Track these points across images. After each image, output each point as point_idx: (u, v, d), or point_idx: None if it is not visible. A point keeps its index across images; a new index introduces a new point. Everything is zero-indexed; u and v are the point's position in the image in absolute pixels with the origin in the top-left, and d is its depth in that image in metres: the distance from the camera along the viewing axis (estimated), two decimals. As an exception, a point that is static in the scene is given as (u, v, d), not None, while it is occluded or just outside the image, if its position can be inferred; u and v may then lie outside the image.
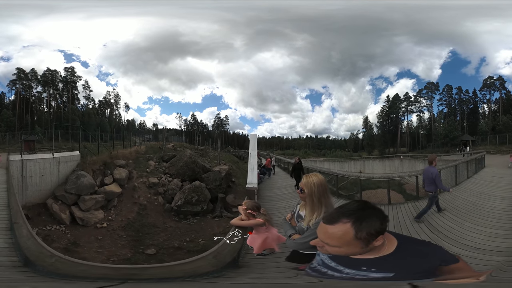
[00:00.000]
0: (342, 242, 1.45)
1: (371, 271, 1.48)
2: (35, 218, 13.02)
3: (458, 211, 7.58)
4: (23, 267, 3.60)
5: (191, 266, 3.59)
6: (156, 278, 3.05)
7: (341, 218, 1.45)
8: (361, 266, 1.50)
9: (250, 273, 3.61)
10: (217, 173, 18.06)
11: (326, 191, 2.89)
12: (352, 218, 1.43)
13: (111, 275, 3.25)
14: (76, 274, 3.12)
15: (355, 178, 12.61)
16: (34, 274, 3.32)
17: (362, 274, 1.49)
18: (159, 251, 11.57)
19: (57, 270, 3.24)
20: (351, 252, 1.49)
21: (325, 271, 1.60)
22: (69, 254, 10.36)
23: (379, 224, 1.45)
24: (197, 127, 53.29)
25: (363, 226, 1.42)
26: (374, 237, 1.44)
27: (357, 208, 1.48)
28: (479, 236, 5.76)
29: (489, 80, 43.46)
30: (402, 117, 48.82)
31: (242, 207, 4.29)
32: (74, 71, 44.33)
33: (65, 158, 15.80)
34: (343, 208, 1.51)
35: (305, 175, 3.04)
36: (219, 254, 3.80)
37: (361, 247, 1.46)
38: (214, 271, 3.44)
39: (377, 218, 1.46)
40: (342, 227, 1.43)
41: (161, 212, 15.52)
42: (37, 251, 3.78)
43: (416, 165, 23.73)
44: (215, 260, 3.64)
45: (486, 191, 9.63)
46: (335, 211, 1.52)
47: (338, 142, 54.68)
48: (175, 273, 3.43)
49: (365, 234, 1.42)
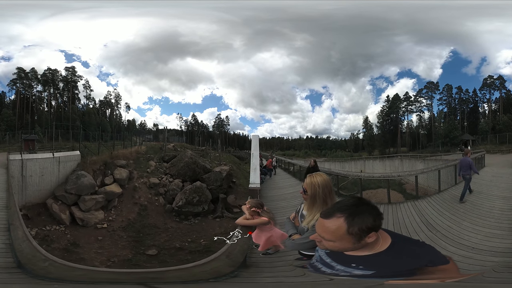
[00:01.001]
0: (336, 236, 1.49)
1: (358, 268, 1.51)
2: (34, 218, 13.02)
3: (457, 211, 7.61)
4: (16, 268, 3.60)
5: (205, 268, 3.53)
6: (166, 281, 3.03)
7: (336, 213, 1.49)
8: (351, 263, 1.54)
9: (261, 273, 3.62)
10: (218, 174, 18.07)
11: (331, 192, 2.77)
12: (346, 213, 1.47)
13: (110, 279, 3.23)
14: (73, 279, 3.09)
15: (356, 178, 12.63)
16: (27, 276, 3.32)
17: (347, 271, 1.52)
18: (160, 252, 11.56)
19: (49, 274, 3.23)
20: (344, 247, 1.52)
21: (320, 267, 1.64)
22: (68, 255, 10.40)
23: (372, 220, 1.48)
24: (198, 127, 53.28)
25: (355, 221, 1.46)
26: (366, 233, 1.47)
27: (352, 204, 1.52)
28: (476, 236, 5.78)
29: (489, 80, 43.42)
30: (402, 117, 48.78)
31: (245, 206, 4.33)
32: (75, 70, 44.38)
33: (65, 157, 15.78)
34: (339, 203, 1.56)
35: (309, 174, 2.92)
36: (231, 253, 3.79)
37: (353, 243, 1.49)
38: (229, 272, 3.43)
39: (370, 215, 1.49)
40: (336, 221, 1.47)
41: (162, 212, 15.52)
42: (30, 254, 3.77)
43: (416, 164, 23.75)
44: (229, 260, 3.62)
45: (485, 191, 9.65)
46: (331, 206, 1.56)
47: (339, 142, 54.59)
48: (187, 277, 3.36)
49: (356, 229, 1.46)
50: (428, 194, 10.18)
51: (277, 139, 58.61)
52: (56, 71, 43.16)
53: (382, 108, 48.90)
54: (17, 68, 40.40)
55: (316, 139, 56.33)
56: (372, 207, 1.54)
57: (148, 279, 3.15)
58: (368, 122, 50.18)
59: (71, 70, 44.18)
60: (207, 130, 53.25)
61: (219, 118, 53.91)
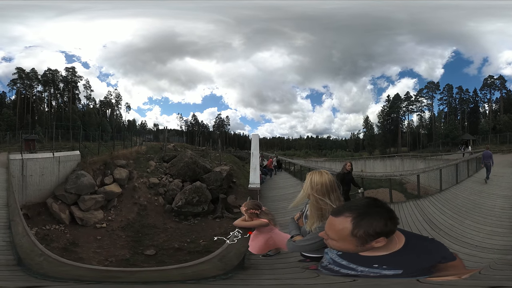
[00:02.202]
0: (339, 236, 1.42)
1: (382, 268, 1.45)
2: (34, 218, 13.03)
3: (459, 209, 7.62)
4: (16, 265, 3.58)
5: (194, 270, 3.43)
6: (151, 281, 2.96)
7: (345, 212, 1.41)
8: (372, 264, 1.47)
9: (259, 274, 3.53)
10: (218, 174, 18.04)
11: (332, 192, 2.63)
12: (354, 213, 1.38)
13: (99, 277, 3.16)
14: (63, 276, 3.04)
15: (357, 178, 12.60)
16: (25, 274, 3.28)
17: (375, 272, 1.46)
18: (159, 252, 11.51)
19: (42, 269, 3.18)
20: (345, 248, 1.46)
21: (337, 270, 1.58)
22: (67, 254, 10.37)
23: (383, 224, 1.38)
24: (198, 127, 53.30)
25: (362, 224, 1.36)
26: (373, 237, 1.38)
27: (364, 204, 1.43)
28: (478, 234, 5.83)
29: (489, 79, 43.42)
30: (402, 116, 48.81)
31: (243, 208, 4.12)
32: (75, 71, 44.47)
33: (65, 157, 15.81)
34: (352, 202, 1.49)
35: (309, 172, 2.75)
36: (225, 257, 3.66)
37: (356, 245, 1.41)
38: (221, 274, 3.33)
39: (381, 218, 1.38)
40: (343, 221, 1.39)
41: (162, 212, 15.49)
42: (28, 249, 3.75)
43: (417, 164, 23.71)
44: (221, 263, 3.51)
45: (486, 190, 9.67)
46: (343, 204, 1.50)
47: (339, 142, 54.59)
48: (174, 277, 3.25)
49: (362, 232, 1.36)
50: (429, 194, 10.15)
51: (277, 139, 58.61)
52: (57, 71, 43.27)
53: (383, 108, 48.92)
54: (17, 68, 40.50)
55: (316, 139, 56.35)
56: (387, 210, 1.43)
57: (119, 278, 3.06)
58: (369, 122, 50.17)
59: (71, 71, 44.27)
60: (208, 130, 53.28)
61: (219, 118, 53.97)
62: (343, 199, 2.71)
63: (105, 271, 4.30)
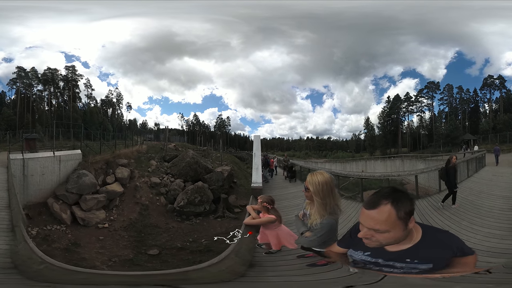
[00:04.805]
0: (390, 225, 1.49)
1: (414, 262, 1.54)
2: (35, 218, 12.93)
3: (456, 210, 7.62)
4: (14, 268, 3.60)
5: (216, 269, 3.42)
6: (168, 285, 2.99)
7: (381, 200, 1.51)
8: (405, 258, 1.56)
9: (268, 271, 3.58)
10: (220, 174, 18.08)
11: (332, 190, 2.82)
12: (390, 199, 1.50)
13: (112, 282, 3.18)
14: (71, 283, 3.05)
15: (357, 178, 12.64)
16: (23, 277, 3.31)
17: (414, 267, 1.54)
18: (162, 252, 11.52)
19: (43, 276, 3.20)
20: (398, 236, 1.53)
21: (377, 269, 1.64)
22: (69, 255, 10.36)
23: (410, 204, 1.52)
24: (199, 127, 53.27)
25: (400, 205, 1.49)
26: (409, 217, 1.51)
27: (391, 190, 1.55)
28: (475, 236, 5.76)
29: (489, 79, 43.39)
30: (403, 117, 48.76)
31: (250, 206, 4.55)
32: (75, 69, 44.45)
33: (66, 156, 15.67)
34: (379, 192, 1.58)
35: (310, 173, 2.95)
36: (239, 252, 3.75)
37: (403, 229, 1.51)
38: (242, 271, 3.37)
39: (407, 199, 1.53)
40: (384, 208, 1.49)
41: (163, 212, 15.50)
42: (26, 256, 3.76)
43: (417, 165, 23.73)
44: (239, 258, 3.58)
45: (486, 190, 9.67)
46: (372, 197, 1.58)
47: (340, 143, 54.38)
48: (195, 280, 3.23)
49: (403, 213, 1.49)
50: (429, 194, 10.20)
51: (277, 139, 58.59)
52: (56, 70, 43.28)
53: (383, 109, 48.86)
54: (17, 67, 40.52)
55: (316, 139, 56.22)
56: (406, 192, 1.59)
57: (140, 283, 3.08)
58: (370, 122, 50.12)
59: (71, 69, 44.26)
60: (208, 130, 53.26)
61: (220, 118, 53.95)
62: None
63: (120, 276, 4.30)
